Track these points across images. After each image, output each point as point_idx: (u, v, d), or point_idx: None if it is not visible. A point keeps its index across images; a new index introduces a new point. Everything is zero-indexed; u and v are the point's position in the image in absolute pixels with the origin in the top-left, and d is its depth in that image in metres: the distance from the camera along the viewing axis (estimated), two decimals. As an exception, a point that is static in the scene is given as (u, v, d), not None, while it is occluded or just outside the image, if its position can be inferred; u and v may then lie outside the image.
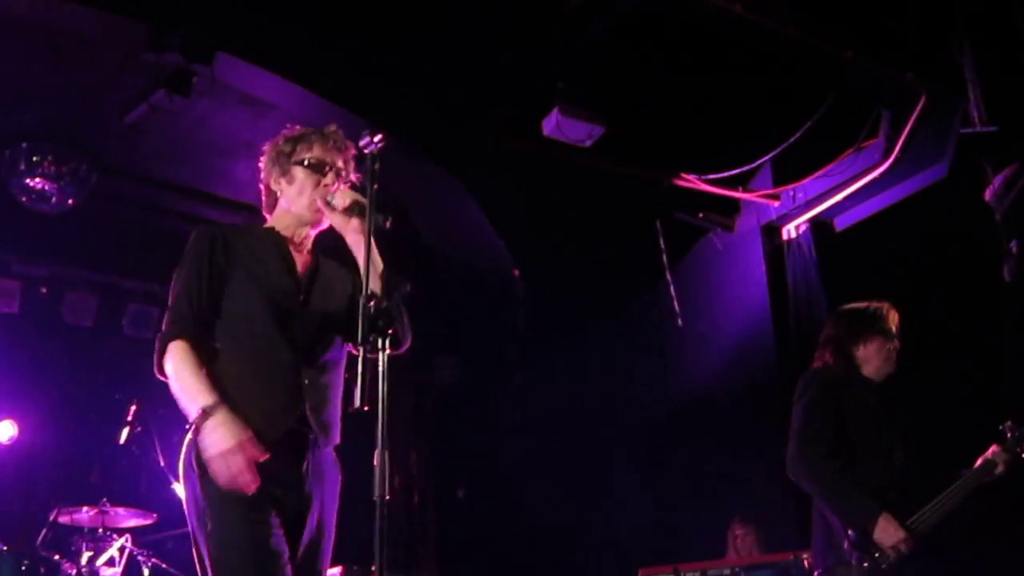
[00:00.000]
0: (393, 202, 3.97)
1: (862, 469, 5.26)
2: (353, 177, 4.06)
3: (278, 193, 4.13)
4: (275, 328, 3.83)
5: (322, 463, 3.83)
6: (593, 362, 10.50)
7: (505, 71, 8.06)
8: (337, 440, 3.90)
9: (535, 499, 10.46)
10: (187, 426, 3.77)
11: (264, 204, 4.23)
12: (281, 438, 3.71)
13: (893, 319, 5.62)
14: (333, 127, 4.21)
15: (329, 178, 4.04)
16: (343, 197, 3.91)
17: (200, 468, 3.66)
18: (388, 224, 3.68)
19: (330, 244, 4.07)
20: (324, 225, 4.10)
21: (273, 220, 4.17)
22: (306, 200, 4.04)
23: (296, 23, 7.56)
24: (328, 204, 3.95)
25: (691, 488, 9.32)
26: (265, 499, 3.62)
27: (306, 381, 3.79)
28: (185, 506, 3.80)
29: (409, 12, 7.53)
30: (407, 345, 3.97)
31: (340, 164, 4.07)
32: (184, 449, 3.79)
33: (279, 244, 4.06)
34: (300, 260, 4.07)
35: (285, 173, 4.10)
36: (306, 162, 4.06)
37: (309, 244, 4.15)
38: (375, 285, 3.73)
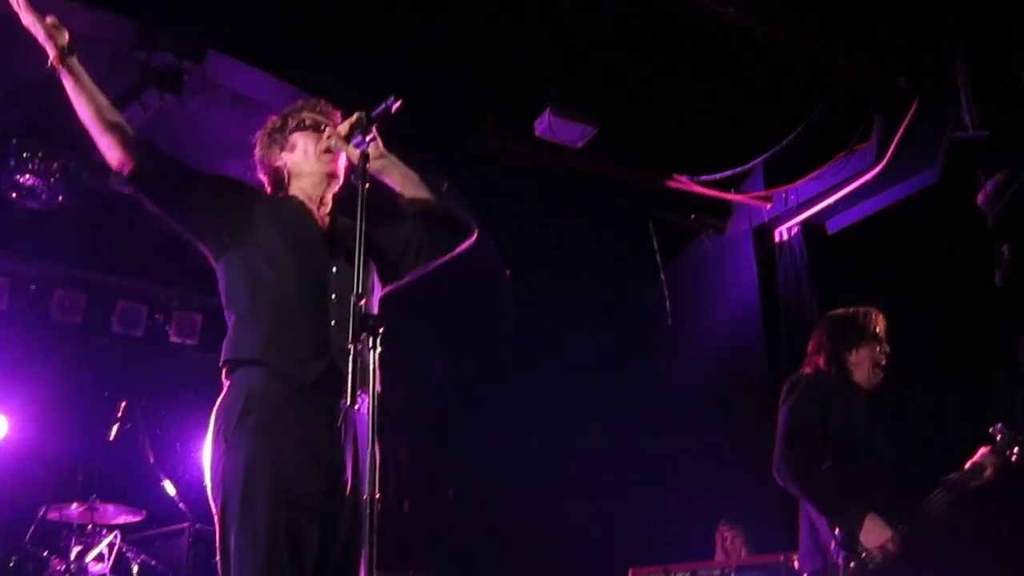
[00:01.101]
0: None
1: (848, 472, 5.27)
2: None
3: (283, 168, 4.13)
4: (298, 271, 3.84)
5: (355, 419, 3.75)
6: (584, 363, 10.49)
7: (497, 72, 8.06)
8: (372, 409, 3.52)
9: (525, 498, 10.46)
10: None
11: (271, 190, 4.22)
12: (312, 384, 3.69)
13: (881, 324, 5.65)
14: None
15: (327, 132, 4.03)
16: (341, 127, 3.90)
17: (227, 441, 3.63)
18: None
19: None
20: (339, 180, 4.11)
21: (285, 195, 4.17)
22: (313, 155, 4.06)
23: (287, 22, 7.54)
24: (333, 146, 3.97)
25: (681, 489, 9.31)
26: (294, 474, 3.59)
27: (333, 323, 3.75)
28: (208, 479, 3.72)
29: (401, 12, 7.52)
30: (474, 234, 4.16)
31: (334, 122, 4.07)
32: (213, 417, 3.74)
33: (300, 203, 4.08)
34: (321, 217, 4.08)
35: (284, 145, 4.13)
36: (302, 124, 4.08)
37: (329, 205, 4.14)
38: (418, 192, 3.99)
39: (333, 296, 3.79)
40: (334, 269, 3.86)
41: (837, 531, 5.09)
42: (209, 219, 3.93)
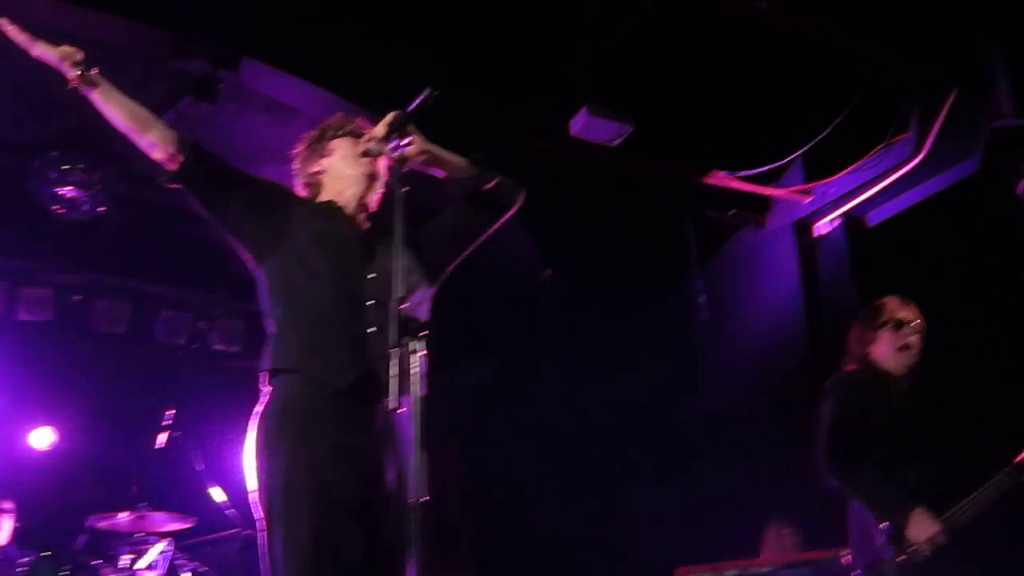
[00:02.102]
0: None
1: (894, 465, 5.25)
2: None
3: (320, 175, 4.16)
4: (335, 278, 3.87)
5: (395, 423, 3.73)
6: (624, 362, 10.45)
7: (531, 71, 8.05)
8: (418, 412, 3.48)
9: (569, 499, 10.44)
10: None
11: (311, 195, 4.24)
12: (348, 389, 3.70)
13: (898, 309, 5.62)
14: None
15: (365, 136, 4.06)
16: (378, 129, 3.90)
17: (268, 448, 3.65)
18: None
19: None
20: (379, 182, 4.14)
21: (324, 199, 4.20)
22: (352, 159, 4.09)
23: (320, 27, 7.56)
24: (371, 149, 3.98)
25: (726, 487, 9.27)
26: (334, 478, 3.58)
27: (371, 330, 3.76)
28: (250, 486, 3.75)
29: (433, 15, 7.53)
30: (521, 197, 4.24)
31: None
32: (252, 426, 3.77)
33: (338, 208, 4.11)
34: (360, 222, 4.12)
35: (323, 153, 4.16)
36: (341, 130, 4.11)
37: (369, 209, 4.17)
38: (466, 172, 4.09)
39: (371, 302, 3.79)
40: (371, 275, 3.86)
41: (884, 526, 5.06)
42: (250, 221, 3.97)
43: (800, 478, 7.53)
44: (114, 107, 3.87)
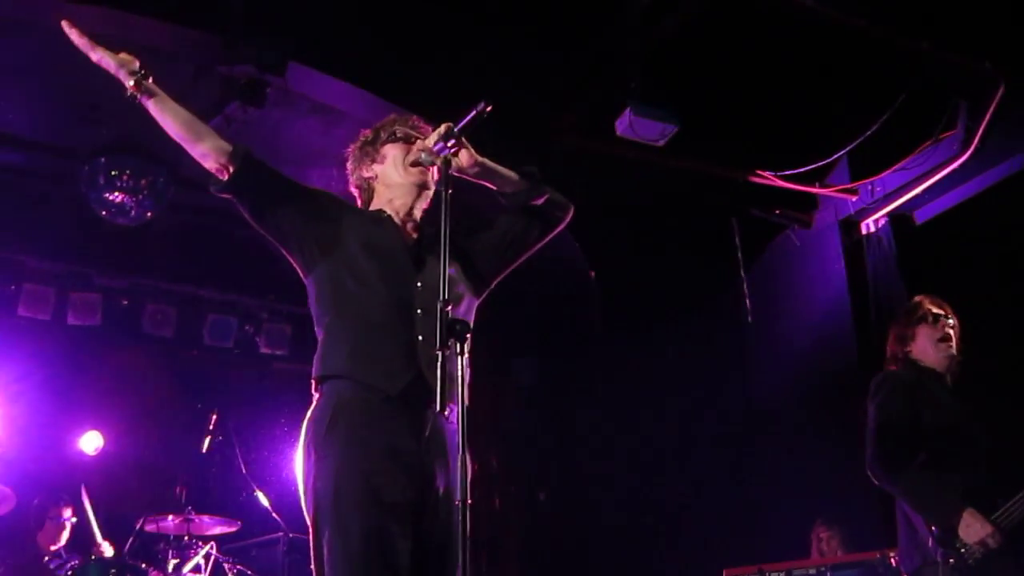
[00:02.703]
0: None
1: (943, 466, 5.21)
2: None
3: (372, 180, 4.18)
4: (385, 285, 3.86)
5: (443, 429, 3.76)
6: (671, 362, 10.44)
7: (576, 71, 8.05)
8: (462, 414, 3.49)
9: (616, 500, 10.43)
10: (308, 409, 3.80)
11: (361, 203, 4.26)
12: (398, 396, 3.70)
13: (932, 305, 5.59)
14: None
15: (417, 144, 4.06)
16: (428, 140, 3.89)
17: (317, 452, 3.67)
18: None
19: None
20: (430, 192, 4.13)
21: (375, 206, 4.20)
22: (402, 167, 4.09)
23: (366, 30, 7.59)
24: (422, 159, 3.98)
25: (773, 489, 9.23)
26: (384, 480, 3.61)
27: (421, 338, 3.76)
28: (300, 489, 3.77)
29: (478, 16, 7.54)
30: (570, 213, 4.26)
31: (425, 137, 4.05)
32: (303, 430, 3.79)
33: (388, 217, 4.10)
34: (409, 231, 4.10)
35: (375, 158, 4.18)
36: (393, 136, 4.12)
37: (418, 218, 4.16)
38: (518, 186, 4.08)
39: (419, 311, 3.80)
40: (419, 284, 3.87)
41: (934, 528, 5.03)
42: (299, 230, 3.98)
43: (848, 478, 7.50)
44: (169, 116, 3.91)
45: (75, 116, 8.62)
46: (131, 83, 3.86)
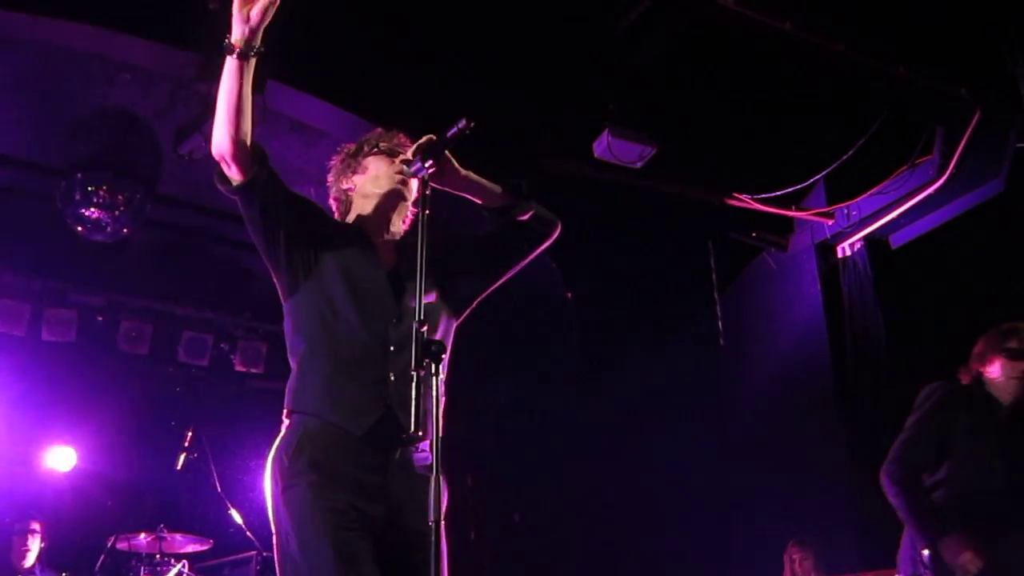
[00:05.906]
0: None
1: (963, 487, 5.24)
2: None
3: (351, 192, 4.13)
4: (360, 320, 3.79)
5: (411, 464, 3.71)
6: (647, 383, 10.44)
7: (555, 93, 8.07)
8: (436, 435, 3.39)
9: (591, 522, 10.41)
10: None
11: (339, 215, 4.21)
12: (365, 435, 3.67)
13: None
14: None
15: (400, 158, 4.01)
16: (410, 151, 3.81)
17: (284, 481, 3.65)
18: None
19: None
20: (408, 202, 4.09)
21: (353, 219, 4.15)
22: (383, 179, 4.04)
23: (345, 50, 7.60)
24: (405, 171, 3.95)
25: (748, 510, 9.24)
26: (350, 508, 3.59)
27: (392, 376, 3.72)
28: (271, 517, 3.74)
29: (458, 37, 7.55)
30: (557, 229, 4.19)
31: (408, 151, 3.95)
32: (270, 459, 3.76)
33: (363, 237, 4.04)
34: (385, 253, 4.05)
35: (356, 169, 4.11)
36: (377, 148, 4.09)
37: (396, 235, 4.12)
38: (503, 200, 4.03)
39: (392, 347, 3.78)
40: (395, 319, 3.84)
41: (925, 552, 5.08)
42: (290, 251, 3.93)
43: (822, 500, 7.52)
44: (242, 87, 3.73)
45: (53, 133, 8.60)
46: (242, 37, 3.64)
